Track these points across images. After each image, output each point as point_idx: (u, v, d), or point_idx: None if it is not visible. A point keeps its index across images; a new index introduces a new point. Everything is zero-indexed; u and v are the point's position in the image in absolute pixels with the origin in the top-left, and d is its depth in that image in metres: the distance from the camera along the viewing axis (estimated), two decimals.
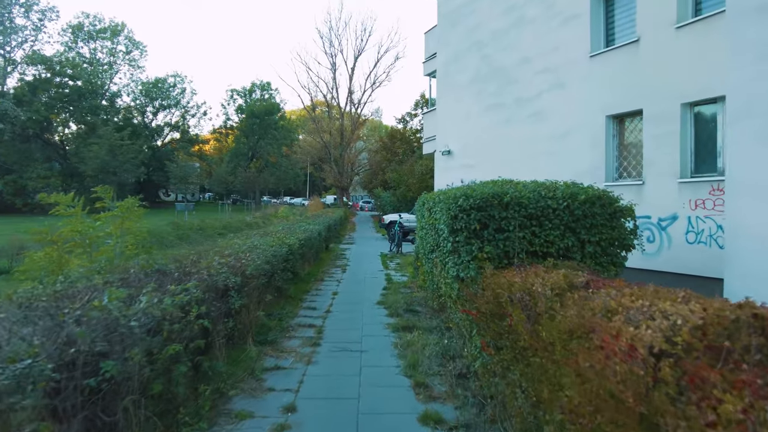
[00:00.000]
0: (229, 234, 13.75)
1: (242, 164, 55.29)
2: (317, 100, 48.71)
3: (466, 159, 13.25)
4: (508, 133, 11.61)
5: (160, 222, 19.27)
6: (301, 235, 9.69)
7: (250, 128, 55.61)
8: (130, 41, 55.49)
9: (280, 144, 57.73)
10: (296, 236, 9.28)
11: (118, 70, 54.95)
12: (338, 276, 10.64)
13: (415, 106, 38.62)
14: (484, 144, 12.57)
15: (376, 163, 41.66)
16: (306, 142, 55.25)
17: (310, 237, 10.44)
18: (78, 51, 51.97)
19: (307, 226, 11.88)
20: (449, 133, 14.02)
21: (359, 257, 13.87)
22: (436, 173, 14.80)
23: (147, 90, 55.73)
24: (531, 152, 10.70)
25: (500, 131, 11.89)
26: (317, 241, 11.30)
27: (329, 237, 13.89)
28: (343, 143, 40.74)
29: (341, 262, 12.55)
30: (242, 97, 59.04)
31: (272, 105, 57.29)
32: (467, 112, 13.19)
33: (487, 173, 9.08)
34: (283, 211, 22.70)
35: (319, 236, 11.92)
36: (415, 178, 24.83)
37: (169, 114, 58.63)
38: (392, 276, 10.51)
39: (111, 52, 54.13)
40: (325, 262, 12.34)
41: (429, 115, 15.43)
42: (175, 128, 58.57)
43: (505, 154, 11.79)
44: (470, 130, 13.12)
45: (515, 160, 11.16)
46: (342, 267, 11.86)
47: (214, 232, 17.05)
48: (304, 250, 9.69)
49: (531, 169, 8.74)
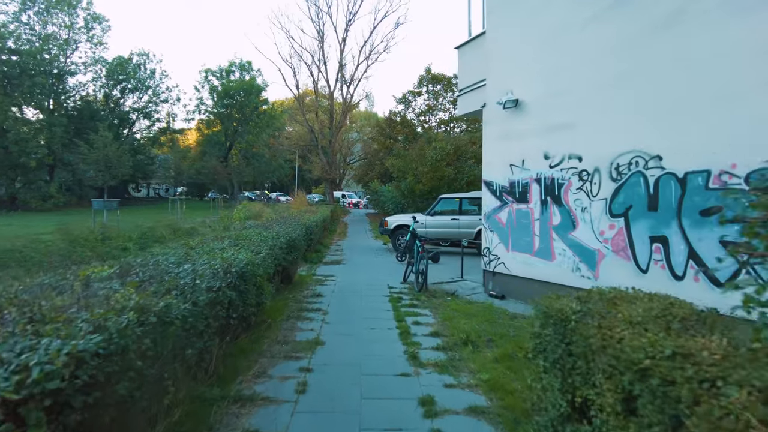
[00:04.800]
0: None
1: (217, 154, 48.34)
2: (307, 89, 42.13)
3: (553, 114, 6.90)
4: (660, 53, 5.33)
5: (47, 227, 12.75)
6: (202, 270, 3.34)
7: (225, 112, 48.59)
8: (90, 16, 48.33)
9: (262, 132, 50.77)
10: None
11: (77, 48, 47.83)
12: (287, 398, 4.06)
13: (418, 83, 32.19)
14: (597, 84, 6.25)
15: (372, 153, 35.16)
16: (294, 132, 48.55)
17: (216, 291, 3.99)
18: (29, 24, 44.75)
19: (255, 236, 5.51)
20: (516, 71, 7.66)
21: (349, 304, 6.79)
22: (488, 143, 8.43)
23: (110, 71, 48.65)
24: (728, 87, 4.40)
25: (639, 53, 5.59)
26: (250, 285, 4.65)
27: (293, 260, 7.37)
28: (332, 128, 34.15)
29: (305, 334, 5.14)
30: (218, 78, 51.79)
31: (252, 85, 50.15)
32: (555, 29, 6.84)
33: (603, 139, 6.07)
34: (238, 212, 16.27)
35: (267, 262, 5.45)
36: (426, 166, 18.40)
37: (137, 100, 51.61)
38: (445, 401, 3.66)
39: (67, 26, 46.92)
40: (267, 333, 4.98)
41: (470, 48, 9.08)
42: (145, 115, 51.54)
43: (651, 96, 5.53)
44: (562, 60, 6.79)
45: (684, 107, 4.97)
46: (305, 349, 4.59)
47: (113, 247, 10.63)
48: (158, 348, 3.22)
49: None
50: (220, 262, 3.88)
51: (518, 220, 7.55)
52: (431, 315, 6.14)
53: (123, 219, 18.65)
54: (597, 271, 6.29)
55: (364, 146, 41.45)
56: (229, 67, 51.62)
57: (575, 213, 6.58)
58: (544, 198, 7.07)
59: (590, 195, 6.35)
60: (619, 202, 5.98)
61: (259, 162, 50.32)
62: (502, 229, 7.88)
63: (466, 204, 13.51)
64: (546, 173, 7.01)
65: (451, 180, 18.17)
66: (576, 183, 6.55)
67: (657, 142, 5.47)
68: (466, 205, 13.50)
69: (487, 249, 8.23)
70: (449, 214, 13.46)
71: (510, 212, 7.71)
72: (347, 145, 45.09)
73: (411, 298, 7.26)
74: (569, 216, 6.66)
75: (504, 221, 7.85)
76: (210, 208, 30.17)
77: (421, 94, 32.38)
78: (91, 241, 11.13)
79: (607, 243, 6.13)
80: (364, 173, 34.05)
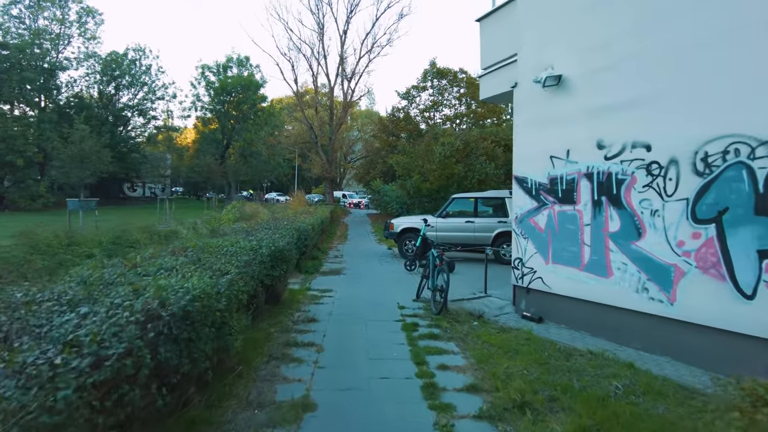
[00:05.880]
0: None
1: (213, 152, 46.79)
2: (307, 88, 40.46)
3: (609, 91, 5.42)
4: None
5: (15, 228, 11.30)
6: None
7: (222, 109, 47.01)
8: (83, 9, 46.82)
9: (260, 130, 49.17)
10: None
11: (69, 42, 46.35)
12: None
13: (423, 77, 30.64)
14: (678, 46, 4.78)
15: (373, 151, 33.64)
16: (294, 130, 46.96)
17: None
18: (20, 17, 43.24)
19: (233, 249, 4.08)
20: (558, 40, 6.18)
21: (350, 335, 5.22)
22: (521, 132, 6.89)
23: (104, 67, 47.15)
24: None
25: None
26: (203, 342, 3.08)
27: (281, 275, 5.86)
28: (332, 125, 32.65)
29: (290, 389, 3.47)
30: (215, 74, 50.15)
31: (250, 81, 48.53)
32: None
33: (683, 120, 4.65)
34: (227, 213, 14.78)
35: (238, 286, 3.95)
36: (434, 163, 16.90)
37: (132, 97, 50.04)
38: None
39: (59, 20, 45.43)
40: (235, 389, 3.41)
41: (495, 20, 7.59)
42: (140, 112, 50.00)
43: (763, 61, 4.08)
44: (624, 19, 5.32)
45: None
46: (287, 420, 3.05)
47: (77, 254, 9.17)
48: None
49: None
50: (143, 300, 2.40)
51: (561, 225, 6.07)
52: (459, 352, 4.64)
53: (105, 220, 17.19)
54: (673, 293, 4.82)
55: (366, 145, 39.91)
56: (226, 63, 50.04)
57: (641, 217, 5.11)
58: (597, 198, 5.59)
59: (663, 194, 4.88)
60: (707, 204, 4.51)
61: (256, 160, 48.76)
62: (540, 236, 6.40)
63: (481, 205, 12.03)
64: (600, 166, 5.54)
65: (461, 178, 16.70)
66: (642, 179, 5.08)
67: None
68: (481, 206, 12.02)
69: (519, 260, 6.75)
70: (463, 215, 11.97)
71: (550, 215, 6.23)
72: (348, 143, 43.56)
73: (429, 324, 5.74)
74: (632, 221, 5.19)
75: (542, 227, 6.37)
76: (204, 208, 28.68)
77: (426, 89, 30.87)
78: (54, 247, 9.68)
79: (689, 257, 4.66)
80: (365, 172, 32.54)
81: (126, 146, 47.88)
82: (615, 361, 4.51)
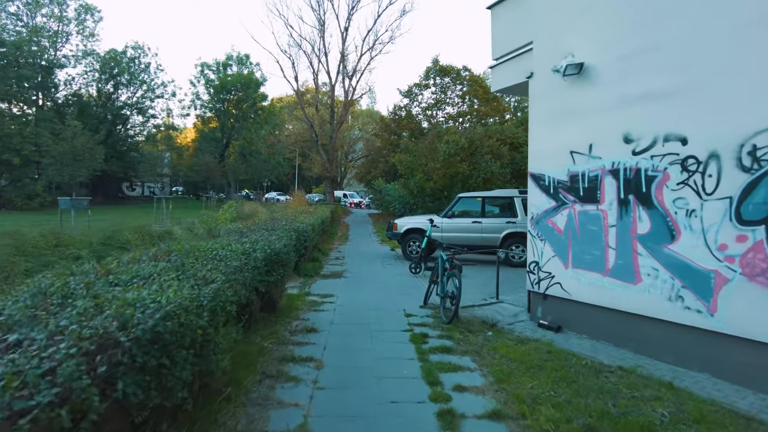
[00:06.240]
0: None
1: (213, 151, 46.27)
2: (308, 87, 39.88)
3: (638, 79, 4.91)
4: None
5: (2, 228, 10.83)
6: None
7: (222, 107, 46.48)
8: (82, 6, 46.30)
9: (260, 128, 48.64)
10: None
11: (68, 40, 45.84)
12: None
13: (425, 75, 30.11)
14: (718, 29, 4.29)
15: (375, 150, 33.14)
16: (294, 129, 46.41)
17: None
18: (17, 14, 42.73)
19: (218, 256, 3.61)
20: (579, 26, 5.68)
21: (354, 348, 4.63)
22: (537, 125, 6.38)
23: (103, 65, 46.63)
24: None
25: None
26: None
27: (277, 280, 5.36)
28: (333, 123, 32.16)
29: (285, 417, 2.96)
30: (215, 72, 49.62)
31: (250, 78, 47.99)
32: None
33: (725, 110, 4.16)
34: (224, 213, 14.29)
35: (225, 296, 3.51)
36: (438, 162, 16.40)
37: (130, 95, 49.51)
38: None
39: (57, 18, 44.91)
40: (222, 416, 2.90)
41: (508, 6, 7.06)
42: (139, 111, 49.48)
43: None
44: (652, 1, 4.82)
45: None
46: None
47: (65, 255, 8.68)
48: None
49: None
50: (100, 321, 1.91)
51: (583, 226, 5.57)
52: (476, 368, 4.13)
53: (100, 219, 16.73)
54: (713, 303, 4.32)
55: (367, 144, 39.40)
56: (226, 61, 49.49)
57: (674, 218, 4.61)
58: (624, 196, 5.09)
59: (701, 192, 4.38)
60: (755, 203, 4.01)
61: (256, 160, 48.24)
62: (559, 238, 5.90)
63: (488, 204, 11.52)
64: (627, 162, 5.04)
65: (466, 177, 16.21)
66: (676, 175, 4.58)
67: None
68: (488, 206, 11.51)
69: (536, 264, 6.25)
70: (469, 216, 11.47)
71: (570, 216, 5.74)
72: (349, 142, 43.04)
73: (440, 334, 5.23)
74: (664, 222, 4.69)
75: (561, 228, 5.87)
76: (203, 207, 28.20)
77: (428, 87, 30.34)
78: (41, 248, 9.21)
79: (732, 262, 4.16)
80: (366, 171, 32.03)
81: (125, 145, 47.48)
82: (651, 380, 4.02)
